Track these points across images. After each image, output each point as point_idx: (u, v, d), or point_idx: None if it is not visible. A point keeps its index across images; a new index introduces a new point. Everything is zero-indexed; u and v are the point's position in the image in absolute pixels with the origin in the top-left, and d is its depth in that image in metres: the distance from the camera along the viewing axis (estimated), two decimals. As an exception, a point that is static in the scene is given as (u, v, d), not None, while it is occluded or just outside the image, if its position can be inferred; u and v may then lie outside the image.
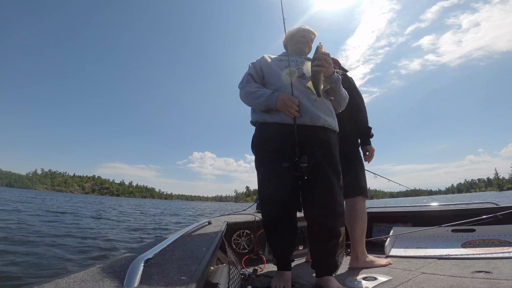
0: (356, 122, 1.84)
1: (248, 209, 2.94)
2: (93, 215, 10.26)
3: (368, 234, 2.04)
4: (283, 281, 1.33)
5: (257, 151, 1.46)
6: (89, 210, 12.88)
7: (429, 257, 1.76)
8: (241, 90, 1.53)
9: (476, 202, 2.67)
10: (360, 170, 1.81)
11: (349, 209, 1.76)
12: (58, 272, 2.95)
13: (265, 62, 1.58)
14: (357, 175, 1.78)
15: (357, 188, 1.76)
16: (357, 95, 1.85)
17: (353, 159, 1.80)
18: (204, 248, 0.96)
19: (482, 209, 2.18)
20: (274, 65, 1.55)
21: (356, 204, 1.74)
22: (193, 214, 16.37)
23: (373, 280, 1.38)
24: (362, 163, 1.86)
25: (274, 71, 1.51)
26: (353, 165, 1.79)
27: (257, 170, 1.45)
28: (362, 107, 1.86)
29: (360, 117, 1.83)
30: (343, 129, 1.77)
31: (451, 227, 1.96)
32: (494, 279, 1.21)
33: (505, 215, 1.82)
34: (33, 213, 9.08)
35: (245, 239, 2.09)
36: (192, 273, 0.68)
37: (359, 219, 1.72)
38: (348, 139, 1.80)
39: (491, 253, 1.64)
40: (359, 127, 1.84)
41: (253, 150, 1.49)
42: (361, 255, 1.69)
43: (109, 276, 0.62)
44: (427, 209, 2.52)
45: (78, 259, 3.52)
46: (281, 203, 1.36)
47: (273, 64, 1.55)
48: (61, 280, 0.58)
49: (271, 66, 1.54)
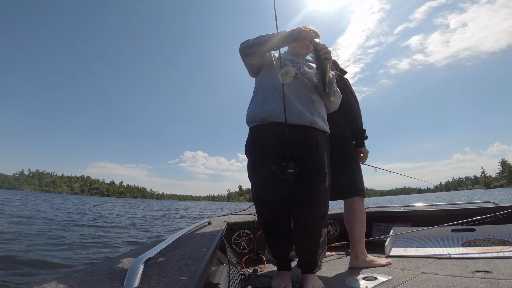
0: (351, 123, 1.84)
1: (248, 209, 2.94)
2: (90, 217, 10.23)
3: (368, 234, 2.04)
4: (283, 281, 1.34)
5: (249, 155, 1.48)
6: (83, 211, 12.83)
7: (429, 257, 1.76)
8: (247, 41, 1.46)
9: (476, 202, 2.67)
10: (357, 170, 1.81)
11: (347, 209, 1.77)
12: (58, 272, 2.95)
13: (270, 56, 1.57)
14: (354, 176, 1.78)
15: (355, 188, 1.76)
16: (352, 96, 1.85)
17: (350, 160, 1.81)
18: (204, 248, 0.96)
19: (482, 208, 2.18)
20: (273, 61, 1.55)
21: (355, 204, 1.74)
22: (201, 215, 15.39)
23: (373, 280, 1.38)
24: (358, 163, 1.87)
25: (272, 68, 1.51)
26: (350, 165, 1.79)
27: (250, 175, 1.46)
28: (357, 108, 1.85)
29: (355, 119, 1.83)
30: (340, 130, 1.78)
31: (451, 227, 1.97)
32: (494, 278, 1.21)
33: (505, 215, 1.82)
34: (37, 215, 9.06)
35: (245, 239, 2.09)
36: (192, 273, 0.68)
37: (358, 219, 1.72)
38: (345, 140, 1.81)
39: (491, 253, 1.64)
40: (353, 129, 1.84)
41: (246, 154, 1.51)
42: (361, 255, 1.69)
43: (109, 276, 0.62)
44: (427, 209, 2.52)
45: (78, 259, 3.52)
46: (275, 206, 1.38)
47: (273, 60, 1.55)
48: (61, 280, 0.58)
49: (271, 62, 1.54)
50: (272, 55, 1.58)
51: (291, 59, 1.56)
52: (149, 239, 5.49)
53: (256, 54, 1.46)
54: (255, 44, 1.43)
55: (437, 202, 2.82)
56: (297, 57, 1.61)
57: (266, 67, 1.54)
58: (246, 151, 1.51)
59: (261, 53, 1.47)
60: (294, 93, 1.42)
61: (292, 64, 1.53)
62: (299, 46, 1.60)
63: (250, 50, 1.45)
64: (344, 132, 1.80)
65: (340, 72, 1.99)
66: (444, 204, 2.61)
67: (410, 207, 2.76)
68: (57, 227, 6.36)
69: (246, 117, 1.52)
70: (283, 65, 1.48)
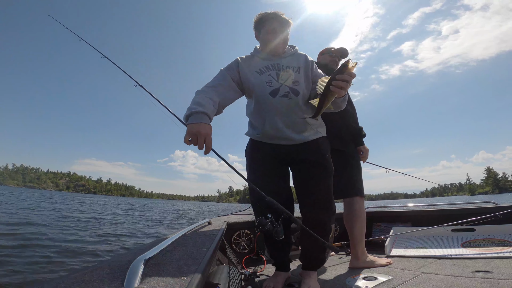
0: (347, 124, 1.81)
1: (248, 209, 2.94)
2: (86, 215, 10.20)
3: (368, 234, 2.04)
4: (274, 282, 1.37)
5: (249, 158, 1.50)
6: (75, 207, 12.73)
7: (429, 256, 1.76)
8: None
9: (476, 202, 2.67)
10: (356, 171, 1.81)
11: (347, 210, 1.76)
12: (58, 272, 2.95)
13: (242, 69, 1.41)
14: (354, 176, 1.78)
15: (354, 188, 1.76)
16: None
17: (349, 160, 1.80)
18: (204, 248, 0.96)
19: (482, 208, 2.18)
20: (252, 77, 1.39)
21: (355, 204, 1.74)
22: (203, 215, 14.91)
23: (373, 280, 1.38)
24: (358, 163, 1.86)
25: (251, 83, 1.39)
26: (349, 165, 1.79)
27: (249, 176, 1.47)
28: (349, 108, 1.78)
29: (347, 118, 1.79)
30: (337, 130, 1.77)
31: (451, 227, 1.97)
32: (494, 278, 1.21)
33: (505, 215, 1.82)
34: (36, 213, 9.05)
35: (245, 239, 2.09)
36: (192, 273, 0.68)
37: (358, 219, 1.72)
38: (343, 140, 1.80)
39: (491, 253, 1.64)
40: (349, 129, 1.83)
41: (246, 157, 1.53)
42: (361, 255, 1.69)
43: (109, 276, 0.62)
44: (427, 209, 2.52)
45: (78, 259, 3.51)
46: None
47: (251, 75, 1.39)
48: (61, 280, 0.58)
49: (248, 77, 1.39)
50: (245, 63, 1.43)
51: (272, 65, 1.41)
52: (149, 240, 5.49)
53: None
54: None
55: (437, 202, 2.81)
56: (276, 57, 1.42)
57: (247, 89, 1.42)
58: (246, 154, 1.53)
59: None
60: (283, 116, 1.35)
61: (275, 70, 1.39)
62: (275, 45, 1.39)
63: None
64: (341, 131, 1.79)
65: (337, 56, 1.97)
66: (444, 204, 2.60)
67: (410, 207, 2.76)
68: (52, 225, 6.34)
69: (247, 133, 1.55)
70: (267, 82, 1.36)
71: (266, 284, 1.36)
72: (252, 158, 1.47)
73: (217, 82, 1.37)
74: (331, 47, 2.03)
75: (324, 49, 2.06)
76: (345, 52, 1.99)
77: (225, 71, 1.41)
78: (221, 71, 1.43)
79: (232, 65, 1.43)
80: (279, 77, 1.38)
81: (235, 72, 1.41)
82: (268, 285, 1.35)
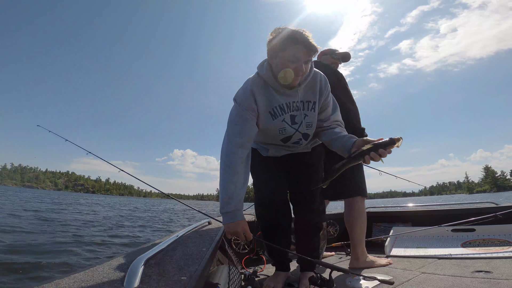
0: (350, 123, 1.77)
1: (247, 209, 2.94)
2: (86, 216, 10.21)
3: (368, 234, 2.04)
4: (274, 282, 1.38)
5: (251, 170, 1.47)
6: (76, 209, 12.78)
7: (429, 257, 1.76)
8: (227, 142, 1.21)
9: (476, 202, 2.67)
10: (358, 170, 1.79)
11: (348, 210, 1.76)
12: (58, 272, 2.95)
13: (259, 108, 1.22)
14: (355, 175, 1.77)
15: (356, 188, 1.75)
16: (344, 95, 1.78)
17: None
18: (204, 248, 0.96)
19: (482, 208, 2.18)
20: (265, 118, 1.24)
21: (355, 204, 1.73)
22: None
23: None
24: (360, 163, 1.84)
25: (263, 126, 1.27)
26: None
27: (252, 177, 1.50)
28: (351, 107, 1.80)
29: (350, 118, 1.76)
30: None
31: (451, 227, 1.97)
32: (494, 278, 1.21)
33: (505, 215, 1.82)
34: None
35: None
36: (192, 273, 0.68)
37: (359, 219, 1.71)
38: None
39: (491, 253, 1.64)
40: (352, 129, 1.81)
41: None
42: (361, 255, 1.69)
43: (109, 276, 0.62)
44: (427, 209, 2.52)
45: (78, 259, 3.51)
46: (275, 207, 1.47)
47: (264, 116, 1.24)
48: (61, 280, 0.58)
49: (261, 117, 1.24)
50: (261, 99, 1.22)
51: (287, 104, 1.22)
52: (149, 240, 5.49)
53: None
54: (221, 156, 1.24)
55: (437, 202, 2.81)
56: (292, 89, 1.20)
57: (261, 129, 1.29)
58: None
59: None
60: (289, 150, 1.43)
61: (289, 111, 1.23)
62: (293, 76, 1.12)
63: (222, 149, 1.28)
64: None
65: (339, 59, 1.98)
66: (444, 204, 2.61)
67: (410, 207, 2.76)
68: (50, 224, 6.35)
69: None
70: (280, 130, 1.27)
71: (266, 284, 1.37)
72: (253, 158, 1.49)
73: (245, 135, 1.20)
74: (334, 49, 2.03)
75: (326, 49, 2.05)
76: (348, 57, 2.02)
77: (246, 114, 1.20)
78: (241, 114, 1.21)
79: (250, 103, 1.20)
80: (294, 120, 1.25)
81: (255, 113, 1.22)
82: (268, 285, 1.36)
